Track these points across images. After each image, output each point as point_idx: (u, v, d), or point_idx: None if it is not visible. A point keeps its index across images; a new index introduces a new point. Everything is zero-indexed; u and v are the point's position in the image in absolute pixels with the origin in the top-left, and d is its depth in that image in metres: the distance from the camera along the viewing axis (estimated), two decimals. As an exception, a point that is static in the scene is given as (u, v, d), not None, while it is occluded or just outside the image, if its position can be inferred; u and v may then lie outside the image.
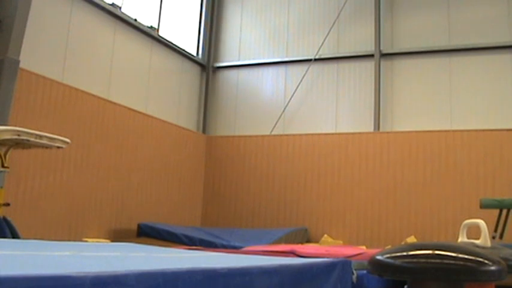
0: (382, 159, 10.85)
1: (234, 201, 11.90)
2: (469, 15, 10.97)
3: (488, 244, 3.52)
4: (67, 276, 1.37)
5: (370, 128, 11.23)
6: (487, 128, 10.26)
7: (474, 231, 3.90)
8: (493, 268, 2.60)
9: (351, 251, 4.69)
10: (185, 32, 12.53)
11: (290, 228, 10.63)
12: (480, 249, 2.97)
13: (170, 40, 11.58)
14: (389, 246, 4.66)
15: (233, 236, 9.33)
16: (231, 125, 12.59)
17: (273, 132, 11.96)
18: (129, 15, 10.34)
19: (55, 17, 8.65)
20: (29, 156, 7.51)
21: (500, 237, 6.33)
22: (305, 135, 11.64)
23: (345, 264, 2.88)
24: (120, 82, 10.06)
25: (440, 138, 10.49)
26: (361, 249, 5.66)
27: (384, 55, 11.47)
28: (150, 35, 10.94)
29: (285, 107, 11.97)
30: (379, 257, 2.81)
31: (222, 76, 12.97)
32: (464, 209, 9.63)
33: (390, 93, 11.31)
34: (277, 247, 5.12)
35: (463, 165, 10.22)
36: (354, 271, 2.99)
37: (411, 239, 9.91)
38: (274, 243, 8.70)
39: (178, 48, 11.90)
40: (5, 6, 7.19)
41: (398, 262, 2.69)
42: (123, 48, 10.21)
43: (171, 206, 11.09)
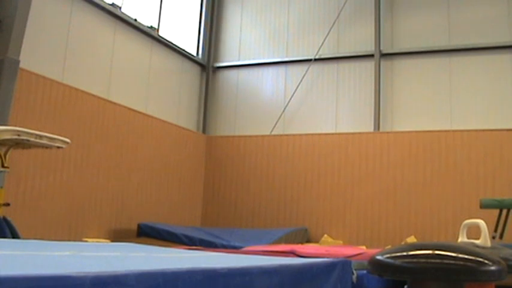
0: (382, 159, 10.85)
1: (234, 201, 11.90)
2: (469, 15, 10.97)
3: (488, 244, 3.52)
4: (67, 276, 1.37)
5: (370, 128, 11.23)
6: (487, 128, 10.26)
7: (474, 231, 3.90)
8: (493, 268, 2.60)
9: (351, 251, 4.69)
10: (185, 32, 12.53)
11: (290, 228, 10.63)
12: (480, 249, 2.97)
13: (170, 40, 11.58)
14: (389, 246, 4.66)
15: (233, 236, 9.33)
16: (231, 125, 12.59)
17: (273, 132, 11.96)
18: (129, 15, 10.34)
19: (55, 17, 8.65)
20: (29, 156, 7.51)
21: (500, 237, 6.33)
22: (305, 135, 11.64)
23: (345, 264, 2.88)
24: (120, 82, 10.06)
25: (440, 138, 10.49)
26: (361, 249, 5.66)
27: (384, 55, 11.47)
28: (150, 35, 10.94)
29: (285, 107, 11.97)
30: (379, 257, 2.81)
31: (222, 76, 12.97)
32: (464, 209, 9.63)
33: (390, 93, 11.31)
34: (277, 247, 5.12)
35: (463, 165, 10.22)
36: (354, 271, 2.99)
37: (411, 239, 9.91)
38: (274, 243, 8.70)
39: (178, 48, 11.89)
40: (5, 6, 7.19)
41: (398, 262, 2.70)
42: (123, 48, 10.21)
43: (171, 206, 11.09)
